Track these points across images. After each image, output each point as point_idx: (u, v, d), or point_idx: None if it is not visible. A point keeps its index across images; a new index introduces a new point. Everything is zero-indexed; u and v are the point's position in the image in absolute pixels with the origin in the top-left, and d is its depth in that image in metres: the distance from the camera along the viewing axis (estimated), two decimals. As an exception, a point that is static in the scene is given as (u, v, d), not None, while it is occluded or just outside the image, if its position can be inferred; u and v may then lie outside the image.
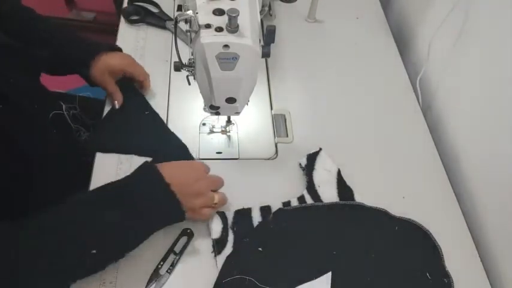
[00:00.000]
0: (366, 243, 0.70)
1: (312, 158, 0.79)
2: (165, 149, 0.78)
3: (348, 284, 0.66)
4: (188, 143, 0.80)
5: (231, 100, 0.67)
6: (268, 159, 0.80)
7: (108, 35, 1.18)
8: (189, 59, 0.66)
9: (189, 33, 0.62)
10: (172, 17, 1.00)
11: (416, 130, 0.87)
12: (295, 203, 0.73)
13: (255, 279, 0.64)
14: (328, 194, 0.75)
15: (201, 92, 0.68)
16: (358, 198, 0.75)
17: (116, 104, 0.81)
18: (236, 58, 0.59)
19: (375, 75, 0.96)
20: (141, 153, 0.76)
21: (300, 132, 0.84)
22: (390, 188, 0.78)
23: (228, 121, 0.82)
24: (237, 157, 0.80)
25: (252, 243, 0.68)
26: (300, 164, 0.79)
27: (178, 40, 0.63)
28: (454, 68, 0.88)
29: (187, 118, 0.84)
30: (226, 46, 0.58)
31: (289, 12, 1.07)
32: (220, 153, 0.80)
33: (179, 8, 0.64)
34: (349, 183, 0.77)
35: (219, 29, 0.58)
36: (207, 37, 0.57)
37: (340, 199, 0.75)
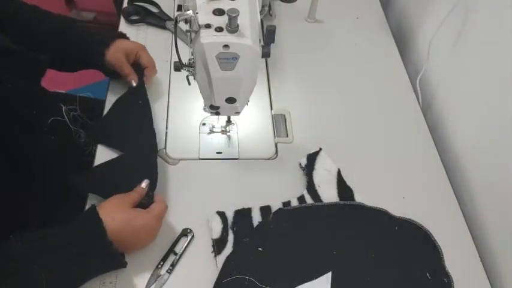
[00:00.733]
0: (366, 243, 0.70)
1: (312, 158, 0.79)
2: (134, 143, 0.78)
3: (348, 284, 0.66)
4: (188, 142, 0.80)
5: (231, 100, 0.67)
6: (268, 159, 0.80)
7: (108, 35, 1.18)
8: (189, 59, 0.66)
9: (189, 33, 0.62)
10: (172, 17, 1.00)
11: (416, 130, 0.87)
12: (295, 203, 0.73)
13: (255, 279, 0.64)
14: (328, 194, 0.75)
15: (201, 92, 0.68)
16: (358, 198, 0.75)
17: (133, 82, 0.83)
18: (236, 58, 0.59)
19: (375, 75, 0.96)
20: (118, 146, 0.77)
21: (300, 132, 0.84)
22: (390, 188, 0.78)
23: (228, 121, 0.82)
24: (237, 157, 0.80)
25: (252, 243, 0.68)
26: (300, 164, 0.79)
27: (178, 40, 0.63)
28: (454, 68, 0.88)
29: (187, 118, 0.84)
30: (226, 46, 0.58)
31: (289, 12, 1.07)
32: (220, 153, 0.80)
33: (179, 8, 0.64)
34: (349, 183, 0.77)
35: (219, 29, 0.58)
36: (207, 37, 0.57)
37: (340, 199, 0.75)
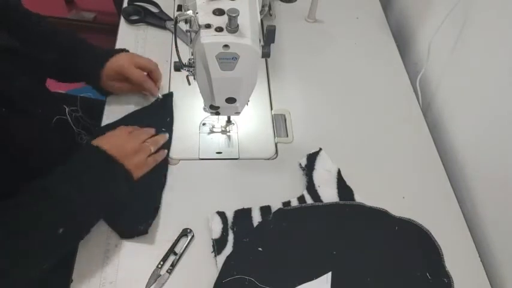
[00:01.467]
0: (366, 243, 0.70)
1: (312, 158, 0.79)
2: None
3: (348, 284, 0.66)
4: (188, 142, 0.80)
5: (231, 100, 0.67)
6: (268, 159, 0.80)
7: (108, 35, 1.17)
8: (189, 59, 0.66)
9: (189, 33, 0.62)
10: (172, 17, 1.00)
11: (416, 130, 0.87)
12: (295, 203, 0.73)
13: (255, 279, 0.64)
14: (328, 194, 0.75)
15: (201, 92, 0.68)
16: (358, 198, 0.75)
17: (157, 93, 0.83)
18: (236, 58, 0.59)
19: (374, 75, 0.96)
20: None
21: (300, 132, 0.84)
22: (390, 188, 0.78)
23: (228, 121, 0.82)
24: (237, 157, 0.80)
25: (252, 243, 0.68)
26: (300, 164, 0.79)
27: (178, 40, 0.63)
28: (454, 68, 0.88)
29: (187, 118, 0.84)
30: (226, 46, 0.58)
31: (289, 12, 1.07)
32: (220, 153, 0.80)
33: (179, 8, 0.64)
34: (349, 183, 0.77)
35: (219, 29, 0.58)
36: (207, 37, 0.57)
37: (340, 199, 0.75)
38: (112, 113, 0.83)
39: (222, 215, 0.70)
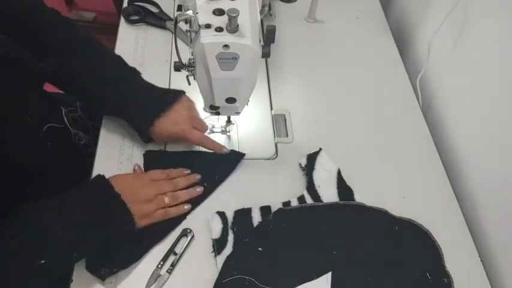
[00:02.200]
0: (366, 243, 0.70)
1: (312, 158, 0.79)
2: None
3: (348, 284, 0.66)
4: (188, 143, 0.80)
5: (231, 100, 0.67)
6: (268, 159, 0.80)
7: (108, 35, 1.17)
8: (189, 59, 0.66)
9: (189, 33, 0.62)
10: (172, 17, 1.00)
11: (416, 130, 0.87)
12: (295, 203, 0.73)
13: (255, 279, 0.64)
14: (328, 194, 0.75)
15: (201, 92, 0.68)
16: (358, 198, 0.75)
17: (224, 150, 0.76)
18: (236, 58, 0.59)
19: (375, 75, 0.96)
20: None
21: (300, 132, 0.84)
22: (390, 188, 0.78)
23: (228, 121, 0.81)
24: (238, 157, 0.80)
25: (252, 243, 0.68)
26: (300, 164, 0.79)
27: (178, 40, 0.63)
28: (454, 68, 0.88)
29: (187, 118, 0.84)
30: (226, 46, 0.58)
31: (289, 12, 1.07)
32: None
33: (179, 8, 0.64)
34: (349, 183, 0.77)
35: (219, 29, 0.58)
36: (207, 37, 0.57)
37: (340, 199, 0.75)
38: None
39: (222, 215, 0.70)
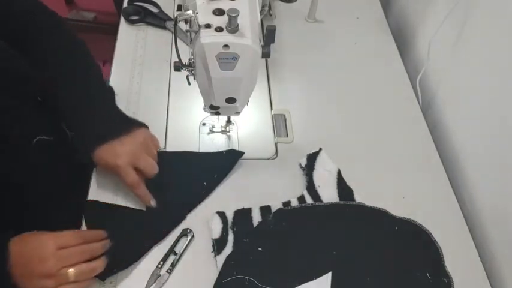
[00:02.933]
0: (366, 243, 0.70)
1: (312, 158, 0.79)
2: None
3: (348, 284, 0.66)
4: (188, 143, 0.80)
5: (231, 100, 0.67)
6: (268, 159, 0.80)
7: (108, 35, 1.18)
8: (189, 59, 0.66)
9: (189, 33, 0.62)
10: (172, 17, 1.00)
11: (416, 130, 0.87)
12: (295, 203, 0.73)
13: (255, 279, 0.64)
14: (328, 194, 0.75)
15: (201, 92, 0.68)
16: (358, 198, 0.75)
17: (152, 203, 0.69)
18: (236, 58, 0.59)
19: (375, 75, 0.96)
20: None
21: (300, 132, 0.84)
22: (390, 188, 0.78)
23: (228, 121, 0.81)
24: (238, 157, 0.80)
25: (252, 243, 0.68)
26: (300, 164, 0.79)
27: (178, 40, 0.63)
28: (454, 67, 0.88)
29: (187, 118, 0.84)
30: (226, 46, 0.58)
31: (289, 12, 1.07)
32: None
33: (179, 8, 0.64)
34: (349, 183, 0.77)
35: (219, 29, 0.58)
36: (207, 37, 0.57)
37: (340, 199, 0.75)
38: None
39: (222, 215, 0.70)
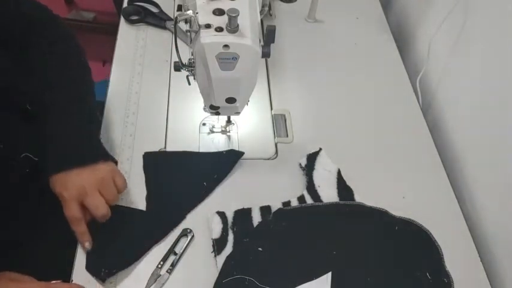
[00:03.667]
0: (366, 243, 0.70)
1: (312, 158, 0.79)
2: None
3: (348, 284, 0.66)
4: (188, 143, 0.80)
5: (231, 100, 0.67)
6: (268, 159, 0.80)
7: (108, 35, 1.17)
8: (189, 59, 0.66)
9: (189, 33, 0.62)
10: (172, 17, 1.00)
11: (416, 130, 0.87)
12: (295, 203, 0.73)
13: (255, 279, 0.64)
14: (328, 194, 0.75)
15: (201, 92, 0.68)
16: (358, 198, 0.75)
17: (88, 246, 0.64)
18: (236, 58, 0.59)
19: (375, 75, 0.96)
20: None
21: (300, 132, 0.84)
22: (390, 188, 0.78)
23: (228, 121, 0.81)
24: (237, 157, 0.80)
25: (252, 243, 0.68)
26: (300, 164, 0.79)
27: (178, 40, 0.63)
28: (454, 68, 0.88)
29: (187, 118, 0.84)
30: (226, 46, 0.58)
31: (289, 12, 1.07)
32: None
33: (179, 8, 0.64)
34: (349, 183, 0.77)
35: (219, 29, 0.58)
36: (207, 37, 0.57)
37: (340, 199, 0.75)
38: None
39: (222, 215, 0.70)
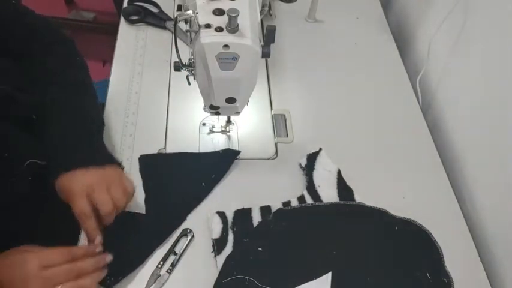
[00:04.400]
0: (366, 243, 0.70)
1: (312, 158, 0.79)
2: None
3: (348, 284, 0.66)
4: (188, 143, 0.80)
5: (231, 100, 0.67)
6: (268, 159, 0.80)
7: (108, 35, 1.18)
8: (189, 59, 0.66)
9: (189, 33, 0.62)
10: (172, 17, 1.00)
11: (416, 130, 0.87)
12: (295, 203, 0.73)
13: (255, 279, 0.64)
14: (328, 194, 0.75)
15: (201, 92, 0.68)
16: (358, 198, 0.75)
17: (98, 240, 0.62)
18: (236, 58, 0.59)
19: (375, 75, 0.96)
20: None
21: (300, 132, 0.84)
22: (390, 188, 0.78)
23: (228, 121, 0.81)
24: (237, 157, 0.80)
25: (252, 243, 0.68)
26: (300, 164, 0.79)
27: (178, 40, 0.63)
28: (454, 68, 0.88)
29: (187, 118, 0.84)
30: (226, 46, 0.58)
31: (289, 12, 1.07)
32: None
33: (179, 8, 0.64)
34: (349, 183, 0.77)
35: (219, 29, 0.58)
36: (207, 37, 0.57)
37: (340, 199, 0.75)
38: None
39: (222, 215, 0.70)
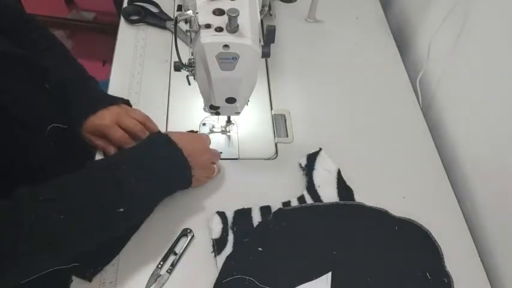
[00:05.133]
0: (366, 243, 0.70)
1: (312, 158, 0.79)
2: None
3: (348, 284, 0.66)
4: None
5: (231, 100, 0.67)
6: (268, 159, 0.80)
7: (108, 35, 1.18)
8: (189, 59, 0.66)
9: (189, 33, 0.62)
10: (172, 17, 1.00)
11: (416, 130, 0.87)
12: (295, 203, 0.73)
13: (255, 279, 0.64)
14: (328, 194, 0.75)
15: (201, 92, 0.68)
16: (358, 198, 0.75)
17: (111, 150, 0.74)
18: (236, 58, 0.59)
19: (374, 75, 0.96)
20: None
21: (300, 132, 0.84)
22: (390, 188, 0.78)
23: (228, 121, 0.82)
24: (237, 157, 0.80)
25: (252, 243, 0.68)
26: (300, 164, 0.79)
27: (178, 40, 0.63)
28: (454, 68, 0.88)
29: (187, 118, 0.84)
30: (226, 46, 0.58)
31: (289, 12, 1.07)
32: (221, 153, 0.80)
33: (179, 8, 0.64)
34: (349, 183, 0.77)
35: (219, 29, 0.58)
36: (207, 37, 0.57)
37: (340, 199, 0.75)
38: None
39: (222, 215, 0.70)
